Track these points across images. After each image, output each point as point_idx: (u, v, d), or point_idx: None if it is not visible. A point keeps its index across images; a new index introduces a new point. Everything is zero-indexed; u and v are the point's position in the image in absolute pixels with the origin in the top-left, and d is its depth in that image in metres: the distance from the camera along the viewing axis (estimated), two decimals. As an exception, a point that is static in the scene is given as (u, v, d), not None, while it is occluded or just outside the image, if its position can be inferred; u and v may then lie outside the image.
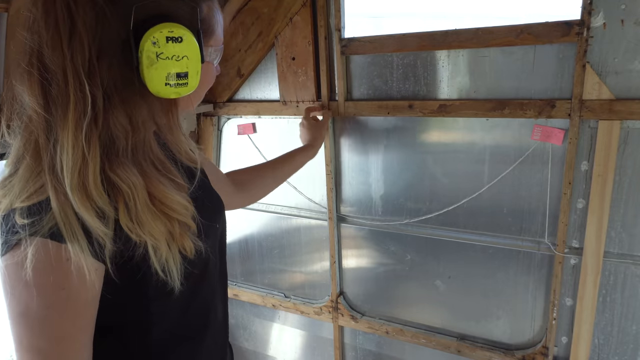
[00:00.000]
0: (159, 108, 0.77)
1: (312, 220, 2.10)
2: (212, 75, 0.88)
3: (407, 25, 1.69)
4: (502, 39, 1.50)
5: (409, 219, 1.86)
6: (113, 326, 0.80)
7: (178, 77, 0.72)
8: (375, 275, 2.02)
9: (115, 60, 0.69)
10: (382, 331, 2.00)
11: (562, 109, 1.47)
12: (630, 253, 1.50)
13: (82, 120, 0.66)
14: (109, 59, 0.69)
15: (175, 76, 0.72)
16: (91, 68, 0.67)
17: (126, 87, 0.71)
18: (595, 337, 1.62)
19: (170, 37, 0.69)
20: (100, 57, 0.68)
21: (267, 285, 2.32)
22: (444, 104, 1.64)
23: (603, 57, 1.40)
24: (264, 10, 1.84)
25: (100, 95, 0.68)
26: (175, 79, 0.72)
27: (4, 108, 0.74)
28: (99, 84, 0.68)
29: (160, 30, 0.69)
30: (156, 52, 0.69)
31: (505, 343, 1.79)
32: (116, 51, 0.69)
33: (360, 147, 1.90)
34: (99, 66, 0.68)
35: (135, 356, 0.85)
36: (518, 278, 1.71)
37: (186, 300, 0.86)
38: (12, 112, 0.72)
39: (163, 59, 0.70)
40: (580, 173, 1.51)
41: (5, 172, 0.74)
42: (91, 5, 0.66)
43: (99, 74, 0.68)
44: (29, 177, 0.69)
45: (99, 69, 0.68)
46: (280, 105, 1.98)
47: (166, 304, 0.84)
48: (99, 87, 0.68)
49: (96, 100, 0.67)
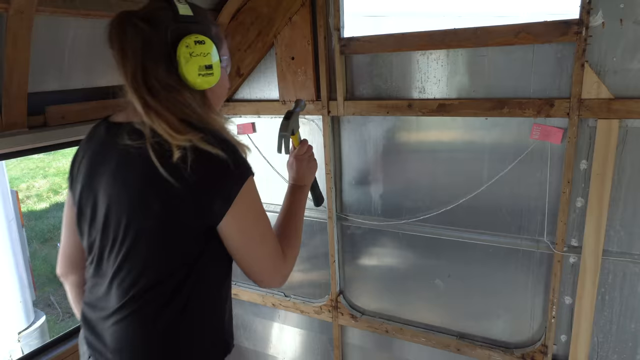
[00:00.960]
0: (197, 100, 1.03)
1: (312, 220, 2.10)
2: (227, 80, 1.16)
3: (406, 25, 1.69)
4: (501, 38, 1.51)
5: (409, 218, 1.86)
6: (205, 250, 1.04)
7: (206, 68, 1.01)
8: (375, 274, 2.03)
9: (167, 65, 0.99)
10: (382, 330, 2.01)
11: (561, 108, 1.47)
12: (629, 251, 1.51)
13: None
14: (155, 67, 0.98)
15: (204, 68, 1.01)
16: (136, 77, 0.97)
17: (169, 85, 0.99)
18: (594, 335, 1.62)
19: (197, 41, 0.99)
20: (146, 69, 0.98)
21: (267, 284, 2.32)
22: (443, 104, 1.65)
23: (602, 57, 1.40)
24: (263, 9, 1.84)
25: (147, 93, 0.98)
26: (204, 70, 1.01)
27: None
28: (148, 85, 0.98)
29: (189, 38, 0.99)
30: (189, 52, 0.98)
31: (504, 341, 1.80)
32: (164, 58, 0.99)
33: (359, 146, 1.90)
34: (146, 74, 0.98)
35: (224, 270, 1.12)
36: (517, 277, 1.71)
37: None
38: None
39: (194, 56, 0.99)
40: (579, 172, 1.52)
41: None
42: (139, 34, 0.98)
43: (145, 79, 0.98)
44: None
45: (148, 74, 0.98)
46: (279, 105, 1.98)
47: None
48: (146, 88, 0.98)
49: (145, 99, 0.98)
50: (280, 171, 2.12)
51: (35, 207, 7.92)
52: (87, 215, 1.07)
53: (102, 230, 1.04)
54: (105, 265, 1.05)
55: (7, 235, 3.77)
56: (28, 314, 3.90)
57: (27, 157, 8.48)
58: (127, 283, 1.00)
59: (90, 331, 1.10)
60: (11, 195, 3.99)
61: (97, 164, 1.06)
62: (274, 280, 1.13)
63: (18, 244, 3.91)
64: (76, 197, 1.10)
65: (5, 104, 1.23)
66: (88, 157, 1.09)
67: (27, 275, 4.00)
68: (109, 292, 1.04)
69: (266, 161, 2.12)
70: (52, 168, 9.87)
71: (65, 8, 1.23)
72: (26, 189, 8.66)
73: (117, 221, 1.00)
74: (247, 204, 1.03)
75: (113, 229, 1.02)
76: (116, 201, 1.01)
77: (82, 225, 1.10)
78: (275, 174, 2.12)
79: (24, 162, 9.92)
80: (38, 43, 1.28)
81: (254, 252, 1.08)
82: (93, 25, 1.40)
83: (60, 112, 1.41)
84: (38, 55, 1.30)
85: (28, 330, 3.81)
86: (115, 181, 1.02)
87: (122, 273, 1.01)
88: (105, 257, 1.04)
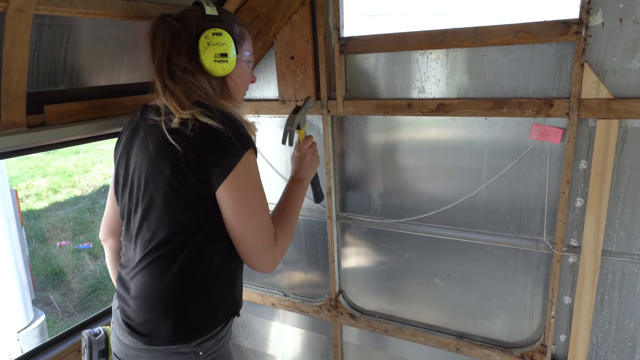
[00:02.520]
0: (213, 86, 1.21)
1: (311, 219, 2.10)
2: (248, 74, 1.33)
3: (406, 25, 1.69)
4: (500, 38, 1.50)
5: (408, 218, 1.86)
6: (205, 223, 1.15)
7: (222, 56, 1.18)
8: (374, 273, 2.03)
9: (188, 54, 1.17)
10: (381, 329, 2.01)
11: (560, 107, 1.47)
12: (628, 251, 1.51)
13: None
14: (179, 55, 1.17)
15: (219, 55, 1.18)
16: (162, 63, 1.17)
17: (188, 70, 1.17)
18: (593, 335, 1.62)
19: (214, 33, 1.17)
20: (171, 56, 1.17)
21: (267, 284, 2.33)
22: (442, 103, 1.65)
23: (601, 56, 1.40)
24: (262, 9, 1.84)
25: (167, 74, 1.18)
26: (220, 57, 1.18)
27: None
28: (169, 70, 1.18)
29: (209, 31, 1.17)
30: (208, 42, 1.16)
31: (503, 341, 1.80)
32: (187, 48, 1.17)
33: (359, 146, 1.90)
34: (170, 61, 1.17)
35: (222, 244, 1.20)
36: (516, 276, 1.71)
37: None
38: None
39: (212, 45, 1.16)
40: (579, 172, 1.52)
41: None
42: (169, 28, 1.18)
43: (168, 66, 1.17)
44: None
45: (171, 61, 1.17)
46: (279, 105, 1.98)
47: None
48: (167, 71, 1.18)
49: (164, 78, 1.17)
50: (280, 170, 2.11)
51: (34, 206, 7.92)
52: (120, 183, 1.26)
53: (129, 194, 1.22)
54: (132, 226, 1.22)
55: (7, 234, 3.76)
56: (27, 312, 3.90)
57: (26, 156, 8.49)
58: (146, 239, 1.17)
59: (121, 287, 1.26)
60: (10, 194, 3.98)
61: (131, 139, 1.24)
62: (263, 259, 1.20)
63: (17, 243, 3.91)
64: (115, 169, 1.30)
65: (4, 103, 1.23)
66: (126, 134, 1.27)
67: (26, 274, 4.00)
68: (135, 250, 1.21)
69: (265, 160, 2.12)
70: (52, 167, 9.88)
71: (64, 7, 1.23)
72: (25, 188, 8.66)
73: (139, 186, 1.18)
74: (244, 175, 1.12)
75: (136, 193, 1.19)
76: (139, 169, 1.18)
77: (118, 193, 1.29)
78: (274, 173, 2.12)
79: (24, 161, 9.93)
80: (38, 42, 1.28)
81: (244, 224, 1.15)
82: (93, 24, 1.40)
83: (59, 111, 1.41)
84: (38, 54, 1.30)
85: (27, 329, 3.81)
86: (139, 151, 1.19)
87: (143, 231, 1.18)
88: (132, 219, 1.22)
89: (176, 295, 1.17)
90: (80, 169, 9.83)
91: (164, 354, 1.17)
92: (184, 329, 1.17)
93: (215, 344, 1.22)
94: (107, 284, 5.29)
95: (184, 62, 1.17)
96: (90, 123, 1.47)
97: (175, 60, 1.17)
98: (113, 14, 1.35)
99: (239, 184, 1.11)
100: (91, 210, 7.68)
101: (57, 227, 6.95)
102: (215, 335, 1.23)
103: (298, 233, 2.15)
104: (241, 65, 1.28)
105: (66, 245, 6.36)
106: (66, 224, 7.07)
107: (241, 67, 1.28)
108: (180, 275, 1.15)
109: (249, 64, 1.32)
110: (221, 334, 1.25)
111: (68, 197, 8.35)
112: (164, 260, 1.15)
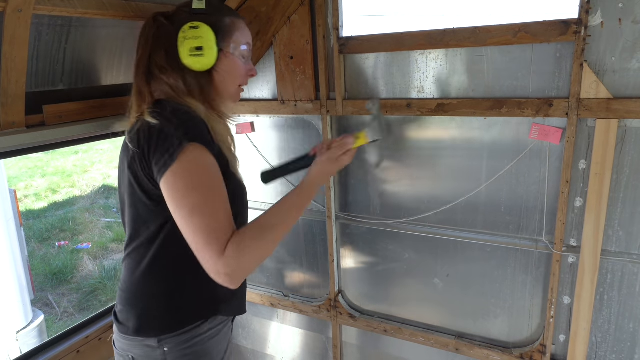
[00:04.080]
0: (188, 82, 1.17)
1: (311, 219, 2.10)
2: (238, 67, 1.24)
3: (405, 24, 1.69)
4: (499, 38, 1.50)
5: (408, 218, 1.86)
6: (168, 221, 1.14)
7: (197, 49, 1.14)
8: (373, 274, 2.03)
9: (167, 50, 1.15)
10: (381, 329, 2.01)
11: (559, 107, 1.47)
12: (627, 251, 1.51)
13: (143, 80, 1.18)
14: (159, 53, 1.16)
15: (195, 49, 1.14)
16: (142, 62, 1.17)
17: (163, 67, 1.16)
18: (592, 335, 1.63)
19: (192, 26, 1.14)
20: (153, 51, 1.16)
21: (266, 284, 2.32)
22: (442, 103, 1.64)
23: (601, 56, 1.40)
24: (262, 9, 1.84)
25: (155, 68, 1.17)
26: (195, 51, 1.14)
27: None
28: (146, 70, 1.17)
29: (187, 24, 1.14)
30: (184, 36, 1.14)
31: (503, 341, 1.80)
32: (167, 45, 1.15)
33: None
34: (150, 60, 1.16)
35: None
36: (516, 276, 1.71)
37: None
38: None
39: (187, 39, 1.14)
40: (578, 172, 1.52)
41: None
42: (156, 26, 1.17)
43: (148, 64, 1.17)
44: None
45: (151, 60, 1.16)
46: (278, 105, 1.98)
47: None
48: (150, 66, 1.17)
49: (152, 72, 1.17)
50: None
51: (33, 206, 7.91)
52: (118, 183, 1.31)
53: (120, 202, 1.28)
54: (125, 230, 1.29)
55: (6, 234, 3.76)
56: (26, 313, 3.89)
57: (25, 156, 8.47)
58: (126, 241, 1.24)
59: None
60: (9, 195, 3.97)
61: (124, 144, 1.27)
62: (209, 269, 1.04)
63: (16, 243, 3.90)
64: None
65: (3, 103, 1.23)
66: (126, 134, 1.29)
67: (25, 275, 3.99)
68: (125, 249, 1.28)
69: (265, 160, 2.12)
70: (51, 167, 9.86)
71: (63, 7, 1.22)
72: (24, 188, 8.64)
73: (119, 186, 1.26)
74: (182, 172, 1.06)
75: (119, 192, 1.26)
76: (119, 169, 1.24)
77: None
78: (274, 174, 2.12)
79: (23, 161, 9.91)
80: (37, 42, 1.28)
81: (183, 226, 1.07)
82: (92, 24, 1.39)
83: (58, 111, 1.41)
84: (37, 54, 1.30)
85: (26, 330, 3.80)
86: (121, 152, 1.23)
87: (125, 228, 1.25)
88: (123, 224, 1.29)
89: (142, 289, 1.21)
90: (79, 169, 9.81)
91: (133, 343, 1.21)
92: (147, 322, 1.20)
93: (186, 340, 1.20)
94: (106, 284, 5.28)
95: (162, 60, 1.15)
96: (89, 123, 1.47)
97: (155, 58, 1.16)
98: (112, 14, 1.35)
99: (176, 180, 1.05)
100: (90, 210, 7.66)
101: (56, 227, 6.93)
102: (188, 332, 1.20)
103: (297, 233, 2.15)
104: (229, 59, 1.20)
105: (65, 246, 6.36)
106: (65, 224, 7.05)
107: (230, 60, 1.21)
108: (148, 270, 1.19)
109: (242, 57, 1.24)
110: (197, 332, 1.21)
111: (67, 197, 8.33)
112: (135, 255, 1.21)
